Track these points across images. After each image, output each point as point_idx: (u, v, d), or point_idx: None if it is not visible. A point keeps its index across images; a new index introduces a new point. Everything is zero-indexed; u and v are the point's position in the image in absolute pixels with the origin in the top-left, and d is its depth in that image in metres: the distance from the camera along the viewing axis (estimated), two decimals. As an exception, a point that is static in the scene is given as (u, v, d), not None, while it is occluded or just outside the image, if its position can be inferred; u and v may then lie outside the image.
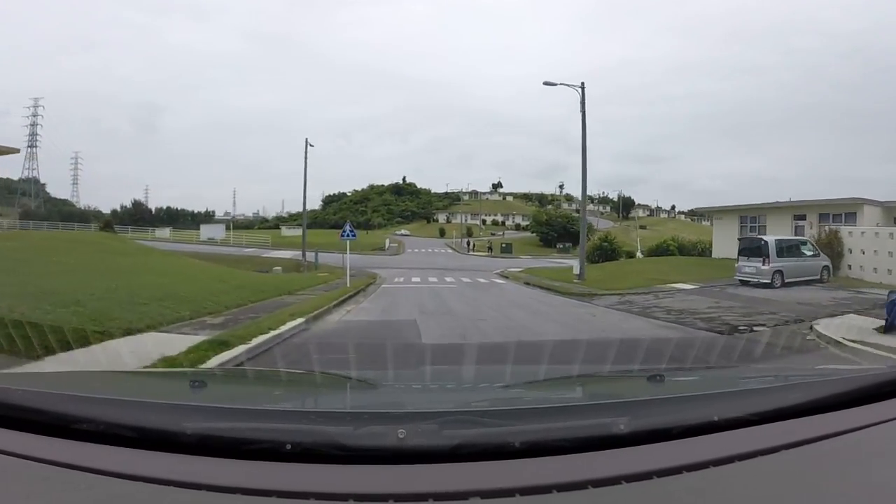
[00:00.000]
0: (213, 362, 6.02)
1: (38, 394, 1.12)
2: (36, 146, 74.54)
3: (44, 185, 77.88)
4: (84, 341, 5.65)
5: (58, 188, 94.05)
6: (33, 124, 74.84)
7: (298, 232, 72.77)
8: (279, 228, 69.81)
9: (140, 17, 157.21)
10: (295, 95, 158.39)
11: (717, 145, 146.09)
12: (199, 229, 51.00)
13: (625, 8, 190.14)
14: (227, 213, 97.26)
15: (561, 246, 56.40)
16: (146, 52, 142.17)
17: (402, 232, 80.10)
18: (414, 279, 22.43)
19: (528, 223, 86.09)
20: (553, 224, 62.48)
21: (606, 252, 31.59)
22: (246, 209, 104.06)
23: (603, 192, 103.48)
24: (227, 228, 54.14)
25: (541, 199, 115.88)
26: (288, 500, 0.80)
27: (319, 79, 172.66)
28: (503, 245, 53.09)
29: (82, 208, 75.63)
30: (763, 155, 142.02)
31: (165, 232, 48.75)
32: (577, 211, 61.49)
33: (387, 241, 52.73)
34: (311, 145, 27.04)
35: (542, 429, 1.01)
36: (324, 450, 0.92)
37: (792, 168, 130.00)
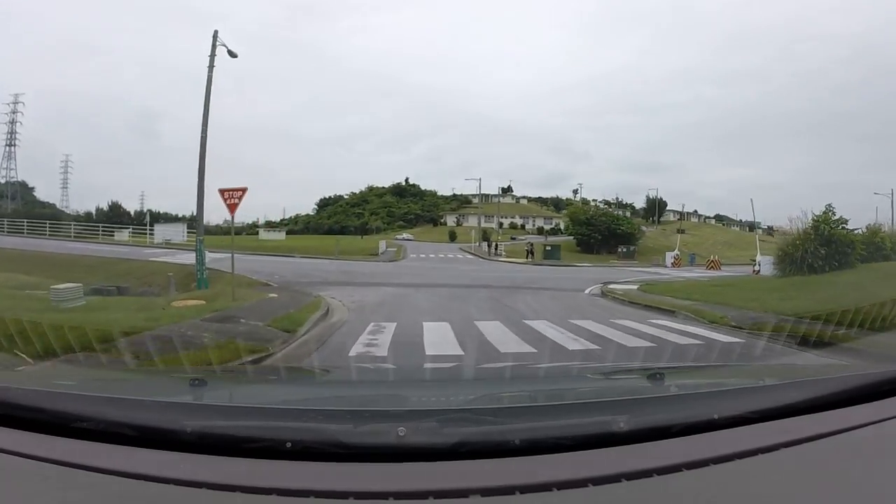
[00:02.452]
0: None
1: (39, 392, 1.11)
2: (14, 145, 69.12)
3: (32, 188, 74.17)
4: None
5: (50, 193, 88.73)
6: (12, 122, 68.19)
7: (277, 236, 61.04)
8: (258, 233, 63.07)
9: (140, 23, 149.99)
10: (296, 103, 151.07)
11: (720, 153, 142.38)
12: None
13: (625, 14, 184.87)
14: (225, 221, 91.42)
15: (624, 249, 43.05)
16: (147, 58, 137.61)
17: (404, 236, 67.29)
18: (438, 331, 7.46)
19: (551, 226, 78.70)
20: (595, 224, 48.87)
21: (841, 251, 15.49)
22: (248, 216, 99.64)
23: (617, 198, 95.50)
24: (190, 229, 45.41)
25: (556, 203, 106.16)
26: (288, 498, 0.79)
27: (320, 86, 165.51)
28: (547, 248, 39.75)
29: (67, 212, 72.05)
30: (765, 162, 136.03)
31: (125, 234, 41.67)
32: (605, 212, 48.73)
33: (381, 245, 39.27)
34: (232, 55, 13.27)
35: (542, 427, 1.00)
36: (324, 448, 0.91)
37: (794, 175, 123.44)
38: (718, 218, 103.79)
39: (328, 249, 30.34)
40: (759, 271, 24.24)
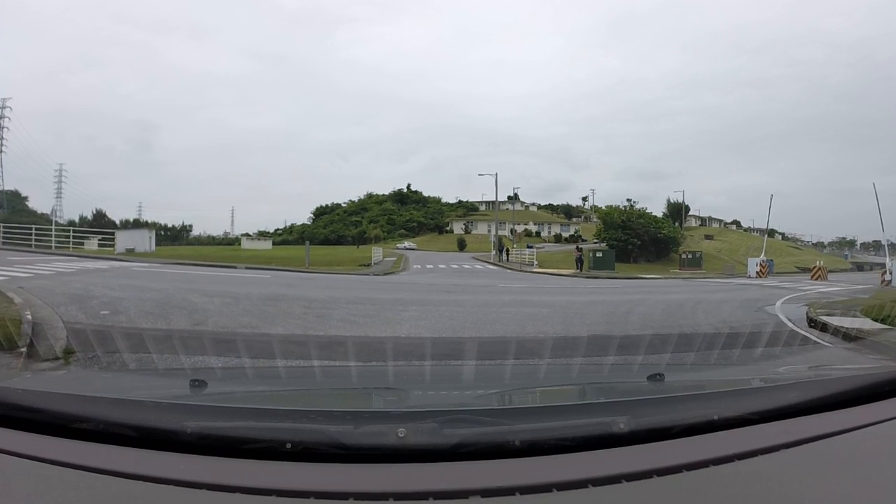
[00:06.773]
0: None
1: (38, 393, 1.10)
2: (1, 151, 67.88)
3: (25, 197, 73.94)
4: None
5: (47, 204, 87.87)
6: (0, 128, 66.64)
7: (262, 245, 53.55)
8: (239, 243, 63.78)
9: (140, 35, 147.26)
10: (296, 115, 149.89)
11: (721, 161, 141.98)
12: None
13: (625, 23, 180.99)
14: (226, 232, 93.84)
15: (688, 256, 35.38)
16: (146, 70, 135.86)
17: (406, 244, 60.32)
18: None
19: (570, 233, 75.39)
20: (633, 228, 41.16)
21: None
22: (250, 228, 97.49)
23: (630, 202, 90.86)
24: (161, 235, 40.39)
25: (567, 211, 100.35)
26: (288, 500, 0.79)
27: (320, 98, 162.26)
28: (597, 255, 32.20)
29: (60, 222, 69.98)
30: (767, 169, 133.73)
31: (93, 242, 36.69)
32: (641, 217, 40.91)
33: (376, 253, 31.56)
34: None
35: (542, 428, 0.99)
36: (324, 449, 0.91)
37: (796, 181, 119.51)
38: (734, 224, 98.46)
39: (304, 260, 22.93)
40: (890, 281, 21.66)
